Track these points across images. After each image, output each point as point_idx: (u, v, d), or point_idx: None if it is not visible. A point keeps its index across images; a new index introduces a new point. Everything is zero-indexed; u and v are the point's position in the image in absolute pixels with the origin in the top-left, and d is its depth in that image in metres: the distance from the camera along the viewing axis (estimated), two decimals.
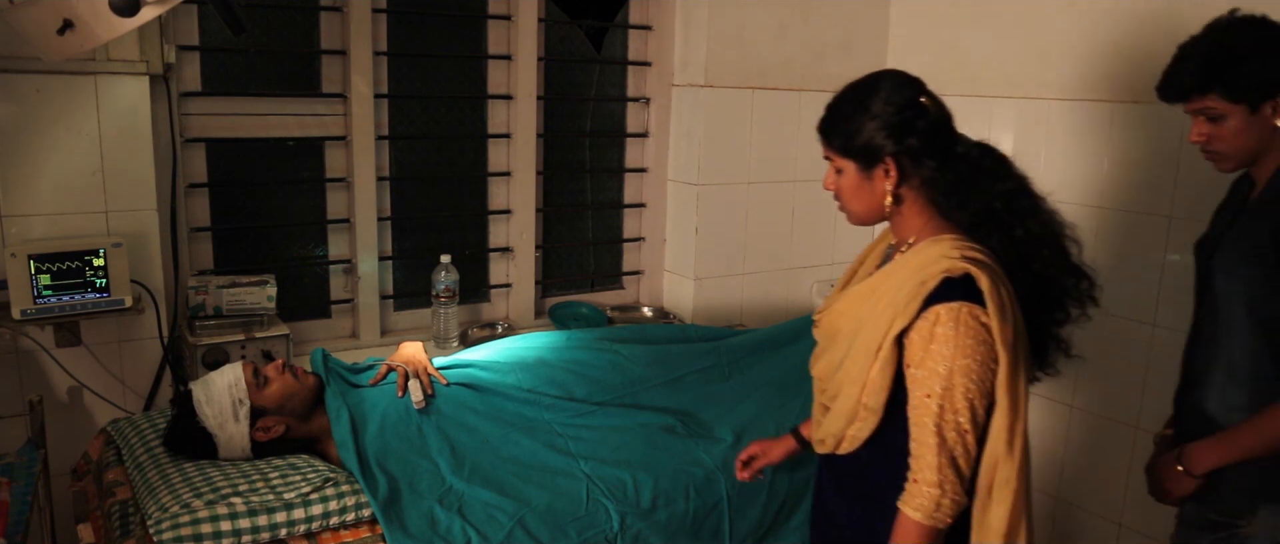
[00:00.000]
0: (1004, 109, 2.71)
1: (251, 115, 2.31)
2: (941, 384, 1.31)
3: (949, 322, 1.30)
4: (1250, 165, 1.63)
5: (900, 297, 1.34)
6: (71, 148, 2.00)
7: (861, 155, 1.40)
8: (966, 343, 1.30)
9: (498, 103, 2.66)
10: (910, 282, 1.34)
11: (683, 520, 1.87)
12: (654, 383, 2.19)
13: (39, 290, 1.93)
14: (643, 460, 1.94)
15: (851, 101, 1.42)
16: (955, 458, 1.32)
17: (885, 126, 1.37)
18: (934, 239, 1.39)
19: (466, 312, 2.71)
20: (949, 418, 1.31)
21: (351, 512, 1.70)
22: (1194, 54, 1.58)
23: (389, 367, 2.05)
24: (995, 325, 1.30)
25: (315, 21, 2.37)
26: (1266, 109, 1.54)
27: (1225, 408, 1.63)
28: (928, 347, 1.32)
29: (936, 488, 1.33)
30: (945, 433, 1.32)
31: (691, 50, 2.75)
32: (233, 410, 1.81)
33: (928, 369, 1.32)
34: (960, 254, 1.34)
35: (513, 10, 2.60)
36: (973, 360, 1.30)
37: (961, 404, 1.31)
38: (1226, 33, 1.56)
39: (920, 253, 1.38)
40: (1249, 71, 1.52)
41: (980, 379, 1.31)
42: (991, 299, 1.30)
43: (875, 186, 1.41)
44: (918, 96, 1.39)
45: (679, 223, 2.90)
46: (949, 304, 1.31)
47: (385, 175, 2.52)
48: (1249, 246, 1.58)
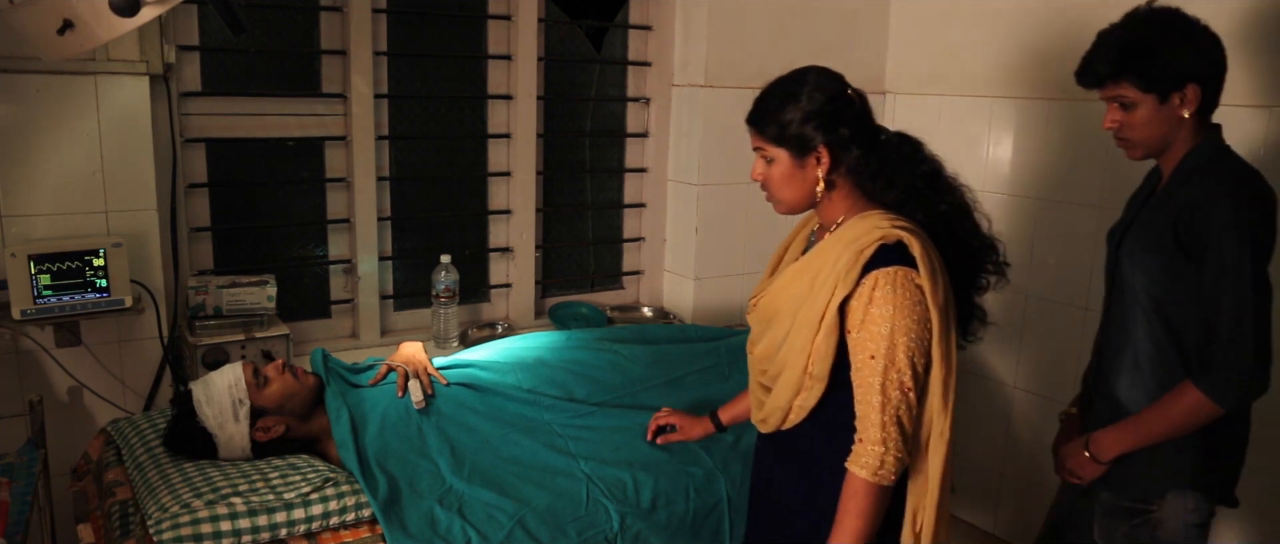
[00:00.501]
0: (1004, 109, 2.71)
1: (251, 115, 2.31)
2: (884, 345, 1.38)
3: (887, 285, 1.38)
4: (1159, 155, 1.67)
5: (840, 267, 1.42)
6: (71, 148, 2.00)
7: (795, 144, 1.47)
8: (905, 304, 1.38)
9: (498, 103, 2.66)
10: (847, 252, 1.42)
11: (683, 520, 1.87)
12: (654, 383, 2.19)
13: (39, 290, 1.93)
14: (643, 460, 1.94)
15: (781, 94, 1.49)
16: (899, 416, 1.40)
17: (816, 117, 1.45)
18: (862, 215, 1.48)
19: (466, 311, 2.71)
20: (892, 377, 1.38)
21: (351, 512, 1.70)
22: (1110, 42, 1.61)
23: (389, 367, 2.05)
24: (928, 287, 1.39)
25: (315, 21, 2.37)
26: (1175, 99, 1.58)
27: (1132, 393, 1.69)
28: (868, 310, 1.39)
29: (881, 445, 1.39)
30: (889, 392, 1.39)
31: (691, 50, 2.75)
32: (233, 410, 1.81)
33: (870, 332, 1.39)
34: (891, 223, 1.43)
35: (513, 10, 2.60)
36: (911, 320, 1.38)
37: (904, 363, 1.38)
38: (1142, 23, 1.60)
39: (851, 228, 1.46)
40: (1160, 62, 1.57)
41: (919, 338, 1.39)
42: (923, 262, 1.39)
43: (807, 174, 1.48)
44: (844, 89, 1.47)
45: (679, 223, 2.90)
46: (886, 269, 1.39)
47: (385, 175, 2.52)
48: (1151, 236, 1.64)
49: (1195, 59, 1.57)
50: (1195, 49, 1.57)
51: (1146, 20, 1.59)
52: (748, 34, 2.73)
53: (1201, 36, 1.58)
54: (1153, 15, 1.60)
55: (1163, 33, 1.57)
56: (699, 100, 2.73)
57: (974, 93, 2.78)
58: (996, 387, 2.83)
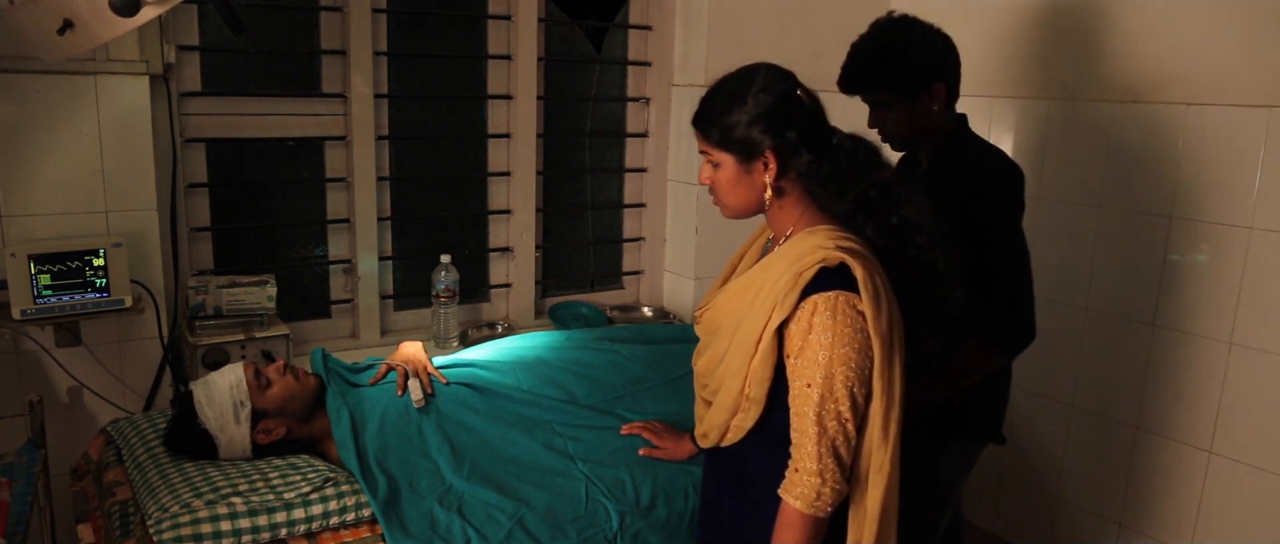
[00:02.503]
0: (1004, 109, 2.71)
1: (251, 115, 2.32)
2: (821, 373, 1.32)
3: (826, 311, 1.31)
4: (917, 147, 1.90)
5: (779, 289, 1.35)
6: (71, 148, 2.00)
7: (740, 148, 1.40)
8: (844, 332, 1.31)
9: (498, 103, 2.66)
10: (787, 273, 1.35)
11: (682, 519, 1.87)
12: (654, 383, 2.19)
13: (39, 290, 1.93)
14: (642, 460, 1.94)
15: (727, 94, 1.42)
16: (836, 447, 1.34)
17: (763, 119, 1.38)
18: (809, 230, 1.41)
19: (466, 312, 2.71)
20: (829, 407, 1.32)
21: (351, 511, 1.70)
22: (863, 53, 1.80)
23: (388, 366, 2.05)
24: (869, 314, 1.31)
25: (315, 21, 2.37)
26: (924, 97, 1.79)
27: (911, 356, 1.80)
28: (806, 337, 1.33)
29: (817, 476, 1.34)
30: (826, 422, 1.33)
31: (691, 50, 2.75)
32: (234, 413, 1.81)
33: (807, 359, 1.33)
34: (835, 244, 1.35)
35: (513, 10, 2.60)
36: (851, 349, 1.31)
37: (841, 393, 1.32)
38: (886, 32, 1.79)
39: (797, 244, 1.39)
40: (906, 68, 1.74)
41: (859, 367, 1.32)
42: (866, 288, 1.32)
43: (754, 180, 1.42)
44: (794, 88, 1.39)
45: (679, 223, 2.90)
46: (826, 294, 1.32)
47: (385, 175, 2.52)
48: None
49: (936, 60, 1.79)
50: (934, 51, 1.79)
51: (888, 29, 1.79)
52: (748, 34, 2.73)
53: (937, 39, 1.80)
54: (894, 24, 1.79)
55: (904, 41, 1.76)
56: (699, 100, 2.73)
57: (974, 93, 2.77)
58: None
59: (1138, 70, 2.38)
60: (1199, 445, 2.36)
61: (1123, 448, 2.52)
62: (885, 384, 1.34)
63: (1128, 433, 2.50)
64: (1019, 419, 2.79)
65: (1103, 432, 2.56)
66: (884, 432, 1.35)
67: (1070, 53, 2.54)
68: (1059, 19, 2.56)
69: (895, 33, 1.77)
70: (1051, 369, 2.67)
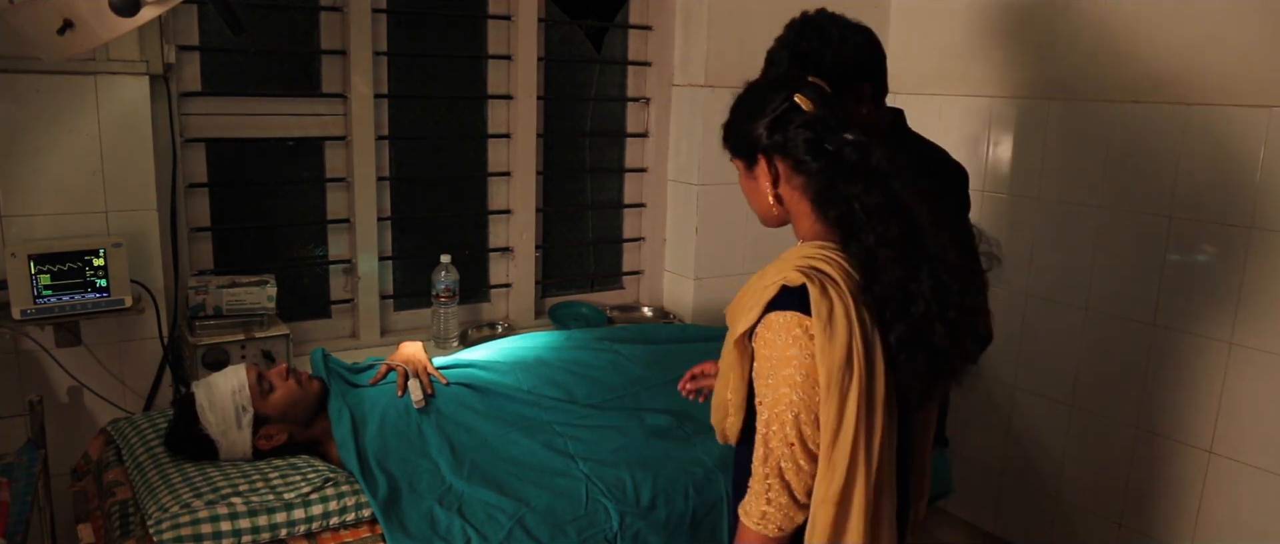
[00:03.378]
0: (1004, 109, 2.71)
1: (251, 115, 2.32)
2: (770, 394, 1.28)
3: (779, 330, 1.27)
4: None
5: (750, 298, 1.34)
6: (71, 148, 2.00)
7: (742, 153, 1.41)
8: (790, 354, 1.26)
9: (498, 103, 2.66)
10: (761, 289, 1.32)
11: (682, 519, 1.87)
12: (654, 383, 2.19)
13: (39, 290, 1.93)
14: (642, 460, 1.94)
15: (742, 100, 1.43)
16: (782, 469, 1.28)
17: (760, 125, 1.36)
18: (802, 243, 1.39)
19: (466, 312, 2.71)
20: (775, 429, 1.28)
21: (351, 512, 1.70)
22: (779, 61, 1.66)
23: (389, 366, 2.05)
24: (818, 339, 1.25)
25: (315, 21, 2.37)
26: (850, 99, 1.66)
27: None
28: (761, 353, 1.30)
29: (763, 497, 1.30)
30: (772, 443, 1.28)
31: (691, 50, 2.75)
32: (236, 418, 1.81)
33: (761, 376, 1.30)
34: (806, 263, 1.31)
35: (513, 10, 2.60)
36: (797, 373, 1.26)
37: (787, 417, 1.27)
38: (801, 38, 1.65)
39: (786, 257, 1.36)
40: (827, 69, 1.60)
41: (805, 393, 1.26)
42: (816, 311, 1.25)
43: (759, 186, 1.41)
44: (793, 93, 1.36)
45: (679, 223, 2.90)
46: (780, 313, 1.28)
47: (385, 175, 2.52)
48: None
49: (858, 59, 1.65)
50: (854, 49, 1.65)
51: (804, 34, 1.65)
52: (748, 34, 2.73)
53: (857, 35, 1.66)
54: (809, 27, 1.66)
55: (822, 44, 1.63)
56: (699, 100, 2.73)
57: (974, 93, 2.78)
58: (996, 386, 2.83)
59: (1138, 70, 2.38)
60: (1199, 445, 2.36)
61: (1123, 448, 2.52)
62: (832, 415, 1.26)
63: (1128, 433, 2.50)
64: (1019, 419, 2.79)
65: (1103, 432, 2.56)
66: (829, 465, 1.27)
67: (1070, 53, 2.54)
68: (1059, 19, 2.56)
69: (811, 38, 1.65)
70: (1051, 369, 2.67)
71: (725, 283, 2.88)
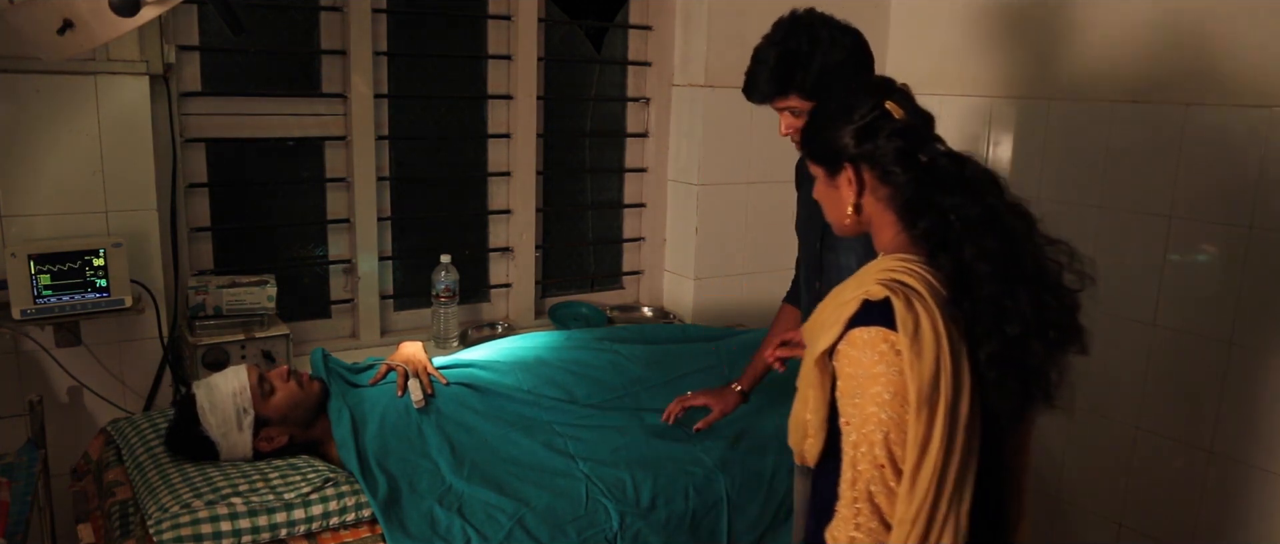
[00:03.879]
0: (1004, 109, 2.71)
1: (251, 115, 2.32)
2: (858, 413, 1.23)
3: (864, 346, 1.23)
4: None
5: (830, 315, 1.29)
6: (71, 148, 2.00)
7: (825, 161, 1.36)
8: (878, 371, 1.21)
9: (498, 103, 2.66)
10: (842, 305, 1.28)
11: (682, 520, 1.87)
12: (654, 383, 2.19)
13: (39, 290, 1.93)
14: (642, 460, 1.94)
15: (826, 105, 1.39)
16: (872, 492, 1.23)
17: (846, 132, 1.32)
18: (882, 257, 1.33)
19: (466, 311, 2.71)
20: (864, 450, 1.23)
21: (351, 512, 1.70)
22: (767, 59, 1.68)
23: (388, 366, 2.05)
24: (906, 354, 1.20)
25: (315, 21, 2.37)
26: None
27: None
28: (845, 371, 1.25)
29: (851, 521, 1.25)
30: (860, 465, 1.24)
31: (691, 50, 2.75)
32: (237, 420, 1.81)
33: (846, 396, 1.25)
34: (889, 276, 1.26)
35: (513, 10, 2.60)
36: (886, 391, 1.21)
37: (876, 436, 1.22)
38: (789, 37, 1.67)
39: (867, 270, 1.32)
40: (815, 71, 1.64)
41: (895, 412, 1.21)
42: (903, 326, 1.21)
43: (840, 195, 1.35)
44: (884, 100, 1.32)
45: (679, 223, 2.90)
46: (865, 329, 1.23)
47: (385, 175, 2.52)
48: None
49: (846, 60, 1.67)
50: (843, 51, 1.66)
51: (793, 33, 1.67)
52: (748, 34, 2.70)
53: (845, 37, 1.68)
54: (798, 27, 1.67)
55: (811, 44, 1.65)
56: (699, 100, 2.73)
57: (974, 93, 2.78)
58: None
59: (1138, 70, 2.38)
60: (1199, 445, 2.36)
61: (1123, 448, 2.52)
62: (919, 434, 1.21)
63: (1128, 433, 2.50)
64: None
65: (1103, 432, 2.56)
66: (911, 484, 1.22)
67: (1070, 53, 2.54)
68: (1059, 19, 2.56)
69: (800, 37, 1.66)
70: None
71: (725, 283, 2.88)
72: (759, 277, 2.92)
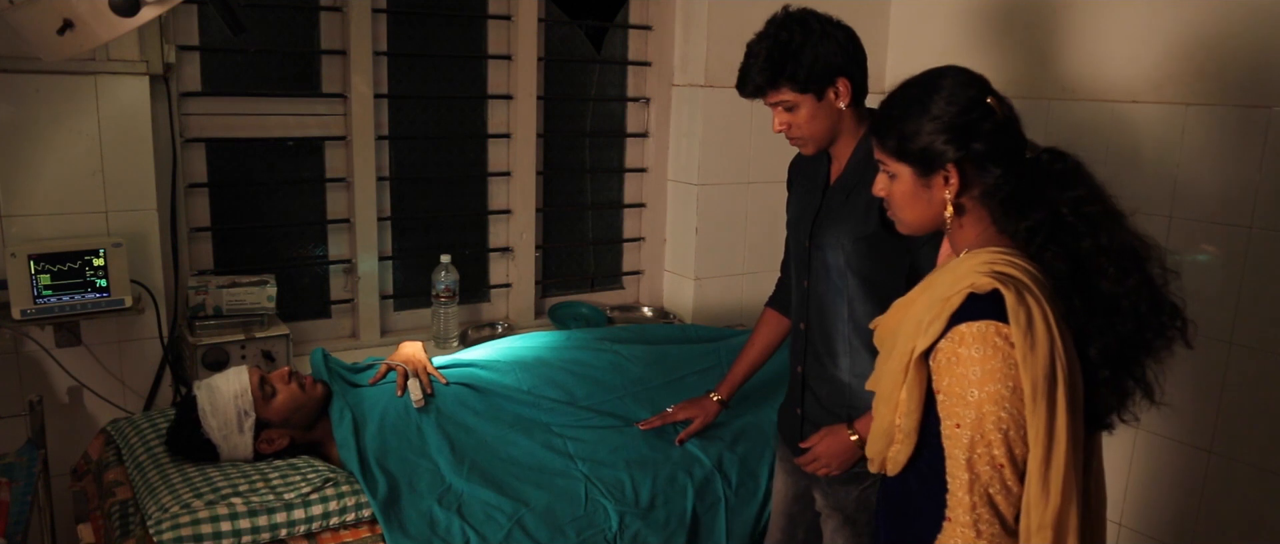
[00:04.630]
0: None
1: (251, 115, 2.32)
2: (971, 413, 1.17)
3: (974, 342, 1.17)
4: (830, 145, 1.77)
5: (926, 313, 1.23)
6: (71, 148, 2.01)
7: (919, 160, 1.28)
8: (995, 366, 1.15)
9: (498, 103, 2.66)
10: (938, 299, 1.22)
11: (682, 520, 1.87)
12: (654, 383, 2.19)
13: (39, 290, 1.93)
14: (641, 460, 1.94)
15: (909, 100, 1.30)
16: (991, 495, 1.18)
17: (947, 129, 1.25)
18: (976, 250, 1.27)
19: (466, 312, 2.71)
20: (981, 451, 1.17)
21: (351, 512, 1.70)
22: (760, 53, 1.68)
23: (388, 366, 2.05)
24: (1020, 346, 1.15)
25: (315, 21, 2.37)
26: (830, 94, 1.68)
27: (859, 372, 1.72)
28: (953, 370, 1.18)
29: (971, 529, 1.18)
30: (978, 467, 1.17)
31: (691, 50, 2.75)
32: (238, 422, 1.80)
33: (955, 396, 1.18)
34: (991, 268, 1.20)
35: (513, 10, 2.60)
36: (1003, 386, 1.15)
37: (995, 435, 1.16)
38: (782, 29, 1.67)
39: (956, 266, 1.26)
40: (807, 64, 1.65)
41: (1014, 407, 1.16)
42: (1016, 319, 1.16)
43: (933, 195, 1.28)
44: (984, 96, 1.28)
45: (679, 223, 2.90)
46: (974, 323, 1.17)
47: (385, 175, 2.52)
48: (852, 218, 1.70)
49: (837, 54, 1.67)
50: (835, 45, 1.67)
51: (785, 26, 1.67)
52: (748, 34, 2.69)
53: (838, 31, 1.69)
54: (790, 20, 1.68)
55: (803, 36, 1.66)
56: (699, 100, 2.73)
57: None
58: None
59: (1137, 70, 2.38)
60: (1199, 445, 2.36)
61: (1123, 448, 2.52)
62: (1045, 429, 1.15)
63: (1128, 433, 2.50)
64: None
65: None
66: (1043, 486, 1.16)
67: (1070, 53, 2.54)
68: (1059, 19, 2.56)
69: (792, 29, 1.67)
70: None
71: (725, 283, 2.88)
72: (759, 276, 2.92)
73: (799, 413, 1.83)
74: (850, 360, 1.74)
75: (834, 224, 1.73)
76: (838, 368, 1.75)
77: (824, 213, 1.76)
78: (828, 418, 1.77)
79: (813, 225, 1.77)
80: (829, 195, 1.77)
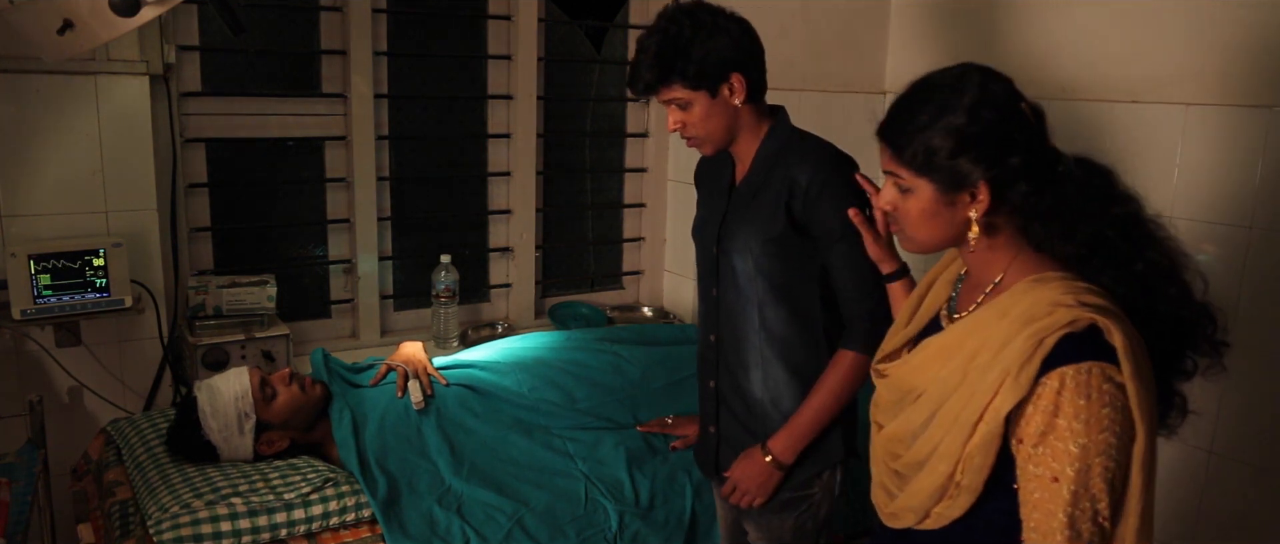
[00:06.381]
0: None
1: (251, 115, 2.32)
2: (1074, 467, 1.03)
3: (1079, 390, 1.03)
4: (730, 144, 1.67)
5: (1009, 359, 1.07)
6: (71, 148, 2.01)
7: (944, 176, 1.12)
8: (1103, 414, 1.03)
9: (498, 103, 2.66)
10: (1020, 340, 1.06)
11: (681, 520, 1.87)
12: (654, 384, 2.19)
13: (39, 290, 1.93)
14: (641, 460, 1.94)
15: (931, 105, 1.13)
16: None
17: (980, 142, 1.09)
18: (1036, 279, 1.12)
19: (466, 312, 2.71)
20: (1084, 507, 1.04)
21: (351, 512, 1.71)
22: (648, 49, 1.59)
23: (389, 366, 2.05)
24: (1132, 389, 1.04)
25: (315, 21, 2.37)
26: (724, 91, 1.58)
27: (771, 386, 1.65)
28: (1053, 422, 1.04)
29: None
30: (1080, 525, 1.04)
31: None
32: (238, 424, 1.80)
33: (1054, 449, 1.05)
34: (1077, 299, 1.07)
35: (513, 10, 2.60)
36: (1111, 434, 1.03)
37: (1100, 489, 1.04)
38: (671, 23, 1.58)
39: (1022, 298, 1.11)
40: (697, 59, 1.55)
41: (1119, 456, 1.05)
42: (1128, 357, 1.04)
43: (957, 214, 1.13)
44: (1017, 102, 1.12)
45: (679, 223, 2.89)
46: (1077, 366, 1.04)
47: (385, 175, 2.52)
48: (760, 220, 1.61)
49: (729, 48, 1.57)
50: (728, 39, 1.57)
51: (674, 20, 1.58)
52: None
53: (729, 25, 1.58)
54: (679, 14, 1.58)
55: (692, 30, 1.55)
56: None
57: None
58: None
59: (1137, 70, 2.38)
60: (1199, 445, 2.36)
61: None
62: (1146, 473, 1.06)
63: None
64: None
65: None
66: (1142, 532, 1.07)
67: (1070, 53, 2.54)
68: (1058, 18, 2.55)
69: (681, 22, 1.56)
70: None
71: None
72: None
73: (713, 431, 1.75)
74: (762, 373, 1.65)
75: (741, 227, 1.64)
76: (750, 381, 1.66)
77: (730, 216, 1.67)
78: (745, 436, 1.68)
79: (719, 230, 1.68)
80: (735, 197, 1.68)
